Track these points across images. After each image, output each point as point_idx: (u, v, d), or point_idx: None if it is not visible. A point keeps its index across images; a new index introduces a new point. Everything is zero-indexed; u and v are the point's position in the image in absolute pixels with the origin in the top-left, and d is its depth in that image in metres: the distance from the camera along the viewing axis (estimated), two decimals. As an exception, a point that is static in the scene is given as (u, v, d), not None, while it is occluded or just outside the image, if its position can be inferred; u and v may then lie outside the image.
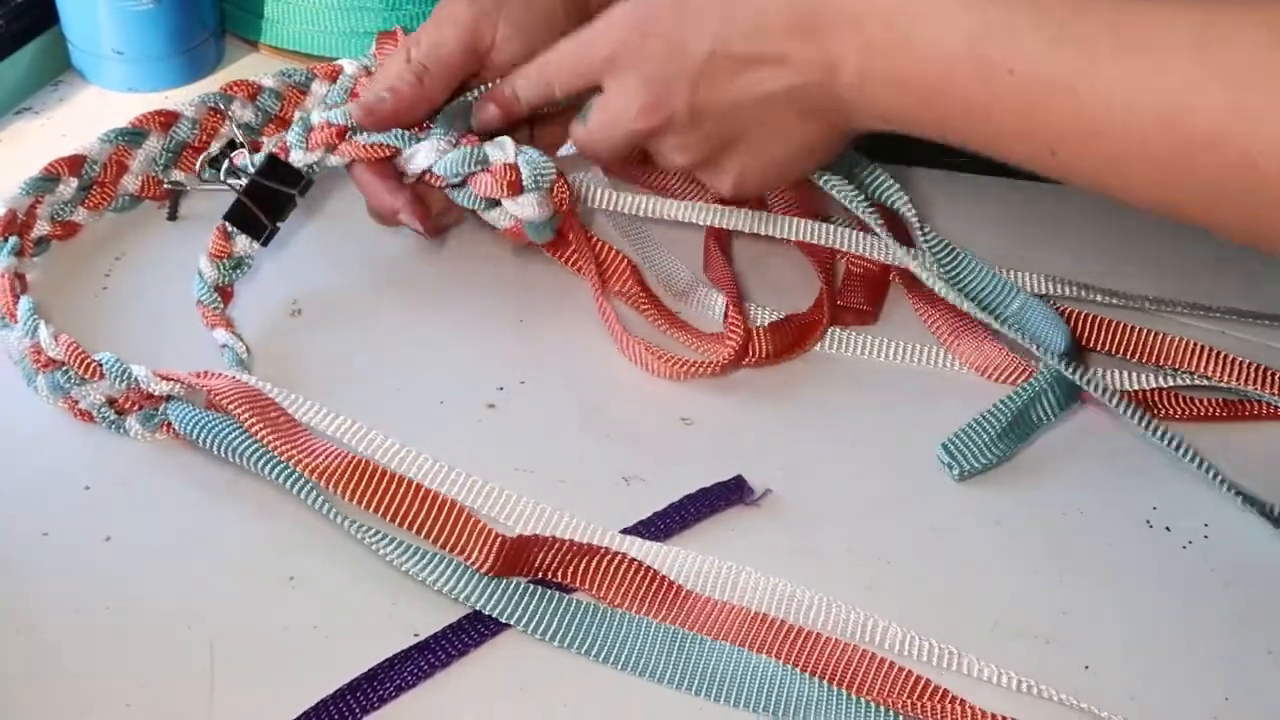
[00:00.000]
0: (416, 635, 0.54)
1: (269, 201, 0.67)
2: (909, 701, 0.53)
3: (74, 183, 0.70)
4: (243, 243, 0.67)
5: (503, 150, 0.64)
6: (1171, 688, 0.54)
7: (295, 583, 0.56)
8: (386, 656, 0.53)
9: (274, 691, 0.52)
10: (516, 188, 0.64)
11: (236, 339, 0.65)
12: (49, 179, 0.69)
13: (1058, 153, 0.51)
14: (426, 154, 0.64)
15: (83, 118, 0.79)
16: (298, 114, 0.74)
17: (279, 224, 0.67)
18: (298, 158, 0.66)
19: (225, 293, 0.68)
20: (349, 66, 0.76)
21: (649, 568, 0.56)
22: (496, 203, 0.65)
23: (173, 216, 0.73)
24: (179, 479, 0.60)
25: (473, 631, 0.54)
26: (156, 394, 0.60)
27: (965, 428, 0.63)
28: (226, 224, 0.67)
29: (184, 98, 0.74)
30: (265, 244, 0.68)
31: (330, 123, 0.65)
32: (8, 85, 0.80)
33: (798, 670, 0.53)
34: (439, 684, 0.53)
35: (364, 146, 0.65)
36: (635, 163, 0.75)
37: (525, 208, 0.64)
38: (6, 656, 0.53)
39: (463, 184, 0.65)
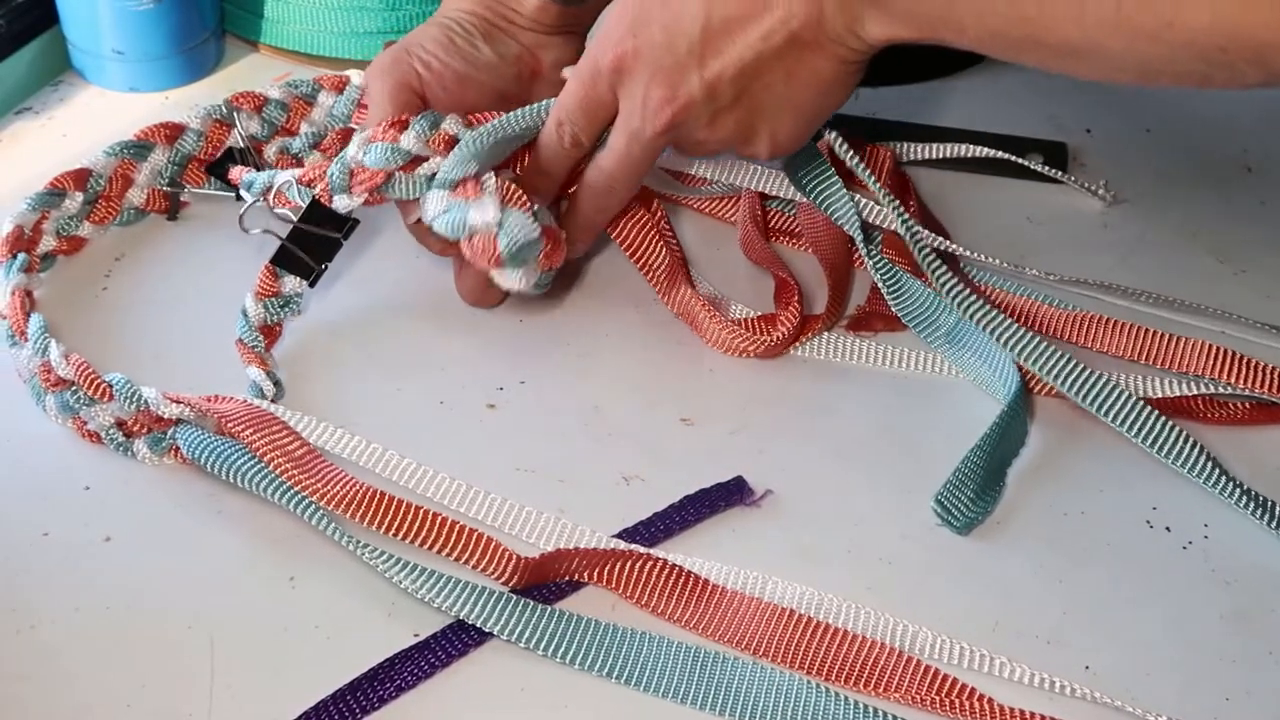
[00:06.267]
0: (416, 635, 0.54)
1: (314, 244, 0.66)
2: (936, 698, 0.53)
3: (79, 197, 0.69)
4: (291, 282, 0.67)
5: (484, 216, 0.61)
6: (1171, 688, 0.54)
7: (295, 583, 0.56)
8: (386, 656, 0.53)
9: (274, 691, 0.52)
10: (498, 261, 0.62)
11: (267, 379, 0.63)
12: (54, 194, 0.69)
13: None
14: (433, 203, 0.63)
15: (83, 118, 0.79)
16: (339, 156, 0.66)
17: (326, 265, 0.67)
18: (342, 203, 0.64)
19: (271, 332, 0.66)
20: (355, 77, 0.76)
21: (675, 566, 0.56)
22: None
23: (173, 216, 0.73)
24: (179, 479, 0.60)
25: (473, 632, 0.54)
26: (166, 417, 0.60)
27: (952, 481, 0.60)
28: (274, 265, 0.66)
29: (184, 98, 0.74)
30: (314, 284, 0.67)
31: (370, 167, 0.63)
32: (8, 85, 0.80)
33: (810, 680, 0.53)
34: (439, 684, 0.53)
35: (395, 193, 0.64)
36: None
37: (508, 279, 0.63)
38: (6, 656, 0.53)
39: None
